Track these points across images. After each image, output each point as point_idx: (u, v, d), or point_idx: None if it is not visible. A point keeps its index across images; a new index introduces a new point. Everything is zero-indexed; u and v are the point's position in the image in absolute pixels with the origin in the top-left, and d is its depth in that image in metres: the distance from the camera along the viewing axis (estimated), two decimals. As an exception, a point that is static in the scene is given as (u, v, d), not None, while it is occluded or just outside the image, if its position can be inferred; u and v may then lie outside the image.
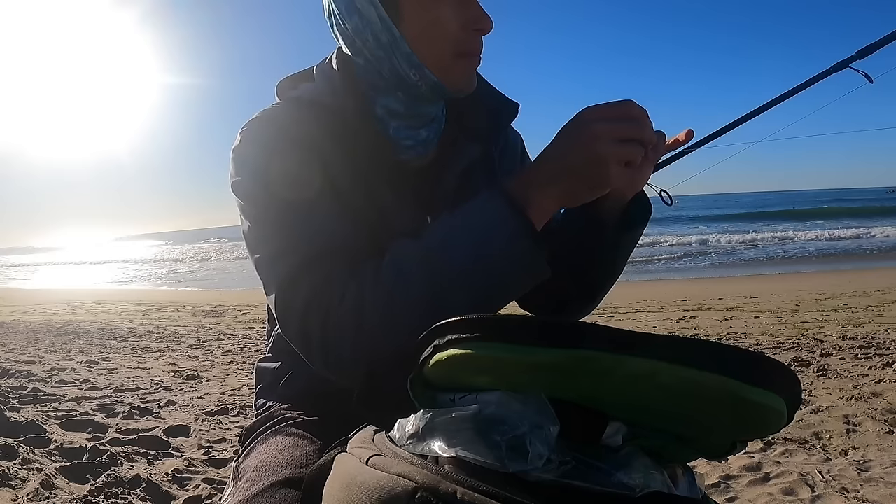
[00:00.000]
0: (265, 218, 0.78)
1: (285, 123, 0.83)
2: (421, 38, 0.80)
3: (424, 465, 0.49)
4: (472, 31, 0.81)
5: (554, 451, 0.49)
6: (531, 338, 0.48)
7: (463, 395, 0.55)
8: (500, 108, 0.94)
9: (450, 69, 0.82)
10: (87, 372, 4.15)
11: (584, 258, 0.88)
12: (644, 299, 7.40)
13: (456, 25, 0.80)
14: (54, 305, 9.36)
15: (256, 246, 0.78)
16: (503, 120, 0.95)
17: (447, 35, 0.80)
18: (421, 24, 0.80)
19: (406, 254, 0.70)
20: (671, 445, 0.58)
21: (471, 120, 0.91)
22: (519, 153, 1.01)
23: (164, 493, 2.12)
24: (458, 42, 0.81)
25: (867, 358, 3.78)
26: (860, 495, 1.99)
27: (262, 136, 0.81)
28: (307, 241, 0.74)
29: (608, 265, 0.91)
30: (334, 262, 0.72)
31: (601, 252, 0.88)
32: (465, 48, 0.82)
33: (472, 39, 0.82)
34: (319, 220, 0.76)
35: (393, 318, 0.68)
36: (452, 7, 0.80)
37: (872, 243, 16.39)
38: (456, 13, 0.80)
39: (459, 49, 0.81)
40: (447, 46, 0.81)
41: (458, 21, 0.80)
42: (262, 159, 0.79)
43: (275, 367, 0.94)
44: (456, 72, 0.83)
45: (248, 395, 3.45)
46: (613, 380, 0.48)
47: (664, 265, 14.44)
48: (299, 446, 0.79)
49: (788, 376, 0.49)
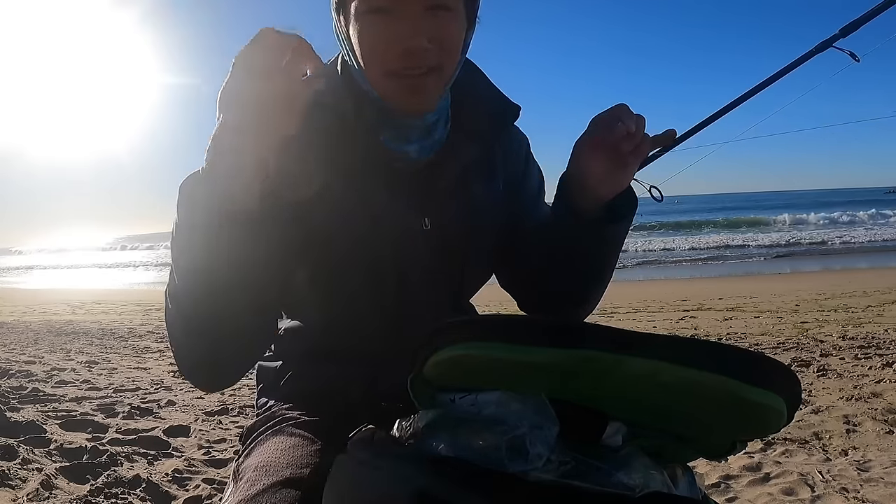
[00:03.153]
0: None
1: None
2: (361, 55, 0.78)
3: (424, 465, 0.49)
4: (399, 51, 0.75)
5: (554, 451, 0.49)
6: (531, 338, 0.48)
7: (463, 395, 0.55)
8: (501, 110, 0.93)
9: (384, 90, 0.79)
10: (87, 372, 4.15)
11: (571, 254, 0.89)
12: (644, 299, 7.40)
13: (380, 44, 0.75)
14: (54, 305, 9.36)
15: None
16: (504, 121, 0.94)
17: (371, 54, 0.76)
18: (358, 41, 0.76)
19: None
20: (671, 445, 0.58)
21: (470, 121, 0.90)
22: (524, 155, 1.00)
23: (164, 493, 2.12)
24: (384, 62, 0.76)
25: (867, 358, 3.78)
26: (860, 495, 1.99)
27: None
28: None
29: (594, 261, 0.90)
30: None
31: (587, 247, 0.88)
32: (391, 68, 0.76)
33: (398, 60, 0.76)
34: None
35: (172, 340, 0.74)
36: (379, 22, 0.75)
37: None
38: (381, 29, 0.75)
39: (386, 69, 0.77)
40: (375, 66, 0.77)
41: (381, 39, 0.75)
42: None
43: (276, 367, 0.94)
44: (389, 92, 0.79)
45: (248, 395, 3.45)
46: (613, 379, 0.48)
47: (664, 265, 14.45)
48: (300, 446, 0.79)
49: (788, 376, 0.49)
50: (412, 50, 0.75)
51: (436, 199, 0.87)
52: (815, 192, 77.57)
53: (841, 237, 18.09)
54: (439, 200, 0.87)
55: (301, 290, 0.90)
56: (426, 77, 0.78)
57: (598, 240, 0.88)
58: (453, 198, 0.88)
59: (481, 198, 0.91)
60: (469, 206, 0.89)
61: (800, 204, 38.97)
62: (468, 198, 0.89)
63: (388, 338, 0.87)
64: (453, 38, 0.78)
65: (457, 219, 0.88)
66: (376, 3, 0.74)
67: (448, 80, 0.82)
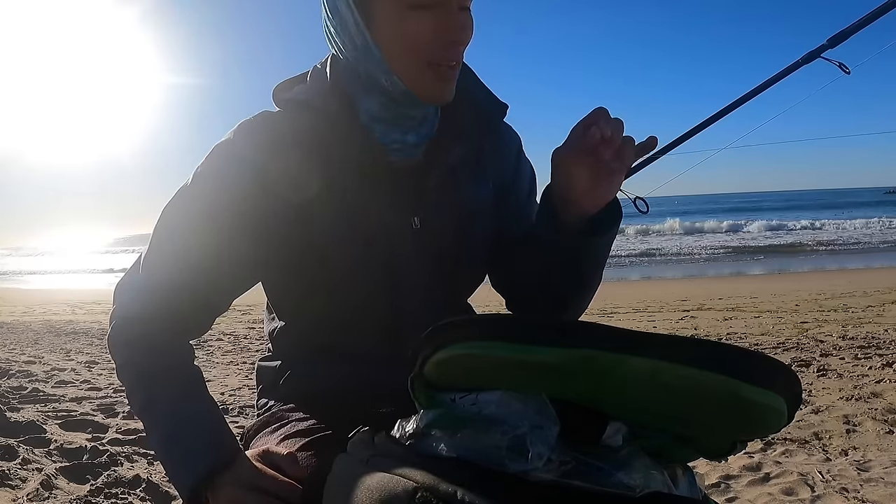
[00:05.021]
0: (186, 215, 0.84)
1: (268, 132, 0.84)
2: (392, 46, 0.79)
3: (425, 465, 0.49)
4: (446, 42, 0.79)
5: (554, 451, 0.49)
6: (533, 337, 0.48)
7: (463, 395, 0.55)
8: (489, 108, 0.93)
9: (420, 79, 0.80)
10: (87, 372, 4.15)
11: (552, 268, 0.88)
12: (644, 299, 7.40)
13: (427, 36, 0.78)
14: (54, 305, 9.35)
15: (164, 228, 0.84)
16: (493, 120, 0.94)
17: (417, 46, 0.78)
18: (391, 32, 0.78)
19: (147, 387, 0.80)
20: (671, 445, 0.58)
21: (459, 119, 0.90)
22: (514, 153, 0.99)
23: (164, 493, 2.12)
24: (429, 52, 0.79)
25: (867, 358, 3.78)
26: (860, 495, 1.99)
27: (230, 145, 0.85)
28: (179, 268, 0.82)
29: (577, 273, 0.89)
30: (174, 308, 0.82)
31: (570, 260, 0.86)
32: (435, 58, 0.79)
33: (444, 50, 0.79)
34: (204, 255, 0.82)
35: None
36: (424, 17, 0.77)
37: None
38: (428, 23, 0.77)
39: (430, 59, 0.79)
40: (417, 56, 0.79)
41: (429, 31, 0.78)
42: (212, 167, 0.84)
43: (275, 367, 0.94)
44: (426, 82, 0.81)
45: (248, 395, 3.45)
46: (614, 379, 0.48)
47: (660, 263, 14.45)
48: (300, 447, 0.79)
49: (789, 376, 0.49)
50: (459, 41, 0.80)
51: (425, 198, 0.87)
52: (814, 192, 77.63)
53: (841, 237, 18.09)
54: (428, 199, 0.87)
55: (295, 291, 0.90)
56: (456, 69, 0.83)
57: (581, 253, 0.86)
58: (442, 197, 0.88)
59: (471, 197, 0.91)
60: (459, 206, 0.89)
61: (800, 204, 38.97)
62: (458, 197, 0.89)
63: (386, 337, 0.87)
64: (471, 36, 0.83)
65: (446, 218, 0.88)
66: (419, 0, 0.77)
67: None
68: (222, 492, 0.73)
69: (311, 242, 0.83)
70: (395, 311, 0.87)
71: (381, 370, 0.84)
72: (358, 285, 0.85)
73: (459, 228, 0.89)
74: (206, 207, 0.83)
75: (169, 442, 0.77)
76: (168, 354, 0.82)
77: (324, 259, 0.84)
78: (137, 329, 0.82)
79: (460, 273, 0.92)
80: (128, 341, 0.82)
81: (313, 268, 0.85)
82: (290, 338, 0.93)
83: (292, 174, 0.82)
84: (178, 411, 0.78)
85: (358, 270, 0.85)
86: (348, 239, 0.84)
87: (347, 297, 0.86)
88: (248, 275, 0.88)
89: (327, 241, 0.84)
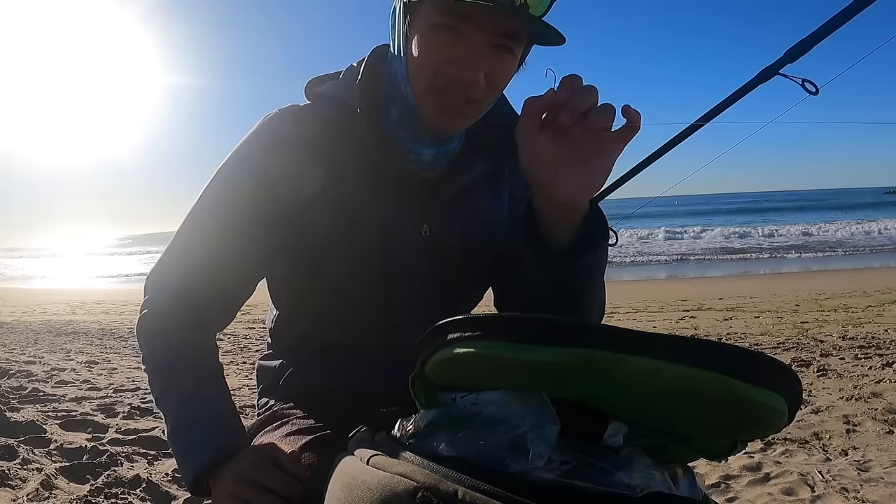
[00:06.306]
0: (216, 203, 0.87)
1: (286, 127, 0.85)
2: (410, 59, 0.78)
3: (425, 465, 0.49)
4: (449, 76, 0.75)
5: (555, 450, 0.49)
6: (533, 336, 0.48)
7: (464, 395, 0.55)
8: (513, 127, 0.91)
9: (423, 104, 0.78)
10: (87, 372, 4.14)
11: (542, 297, 0.82)
12: (644, 299, 7.40)
13: (435, 61, 0.75)
14: (54, 305, 9.35)
15: (196, 213, 0.88)
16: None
17: (420, 69, 0.76)
18: (414, 48, 0.76)
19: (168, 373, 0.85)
20: (672, 445, 0.58)
21: (484, 138, 0.89)
22: None
23: (164, 493, 2.12)
24: (434, 77, 0.76)
25: (867, 358, 3.78)
26: (860, 495, 1.99)
27: (259, 135, 0.86)
28: (210, 254, 0.85)
29: (567, 300, 0.82)
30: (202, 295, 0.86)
31: (556, 289, 0.80)
32: (437, 85, 0.76)
33: (447, 83, 0.75)
34: (233, 245, 0.85)
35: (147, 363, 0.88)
36: (445, 41, 0.74)
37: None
38: (443, 48, 0.74)
39: (432, 84, 0.76)
40: (423, 78, 0.77)
41: (439, 57, 0.75)
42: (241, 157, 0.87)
43: (275, 366, 0.94)
44: (427, 109, 0.78)
45: (248, 395, 3.45)
46: (615, 379, 0.48)
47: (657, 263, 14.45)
48: (301, 446, 0.80)
49: (789, 376, 0.49)
50: (467, 82, 0.75)
51: (439, 208, 0.87)
52: (814, 193, 77.58)
53: (841, 237, 18.09)
54: (442, 209, 0.87)
55: (297, 286, 0.90)
56: (467, 106, 0.78)
57: (565, 280, 0.80)
58: (456, 208, 0.88)
59: (485, 212, 0.90)
60: (471, 219, 0.89)
61: (799, 204, 38.98)
62: (472, 210, 0.89)
63: (387, 338, 0.88)
64: (506, 80, 0.79)
65: (457, 229, 0.88)
66: (448, 21, 0.73)
67: (484, 110, 0.81)
68: (221, 483, 0.77)
69: (313, 241, 0.84)
70: (394, 312, 0.87)
71: (381, 370, 0.84)
72: (360, 285, 0.86)
73: (469, 240, 0.89)
74: (219, 205, 0.87)
75: (177, 432, 0.83)
76: (186, 351, 0.86)
77: (325, 256, 0.84)
78: (159, 324, 0.87)
79: (463, 284, 0.92)
80: (150, 335, 0.87)
81: (315, 264, 0.85)
82: (291, 334, 0.94)
83: (296, 174, 0.83)
84: (187, 404, 0.83)
85: (362, 271, 0.85)
86: (350, 239, 0.84)
87: (348, 297, 0.86)
88: (263, 263, 0.90)
89: (328, 240, 0.84)
